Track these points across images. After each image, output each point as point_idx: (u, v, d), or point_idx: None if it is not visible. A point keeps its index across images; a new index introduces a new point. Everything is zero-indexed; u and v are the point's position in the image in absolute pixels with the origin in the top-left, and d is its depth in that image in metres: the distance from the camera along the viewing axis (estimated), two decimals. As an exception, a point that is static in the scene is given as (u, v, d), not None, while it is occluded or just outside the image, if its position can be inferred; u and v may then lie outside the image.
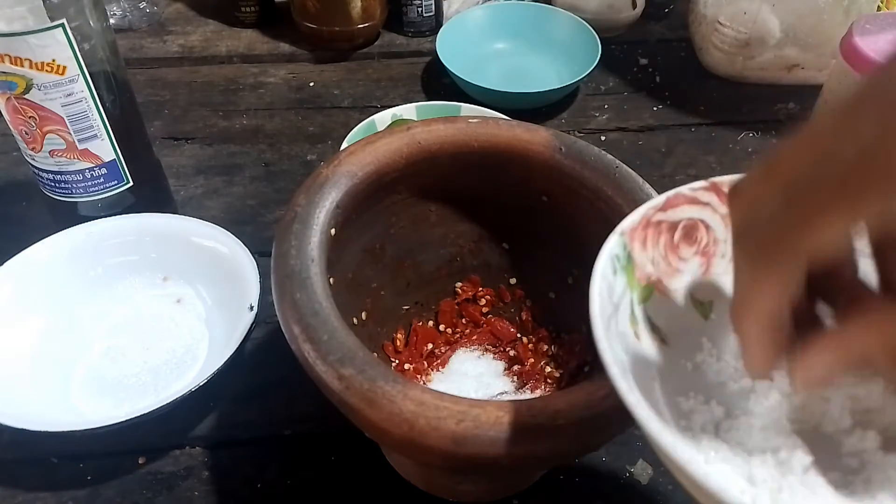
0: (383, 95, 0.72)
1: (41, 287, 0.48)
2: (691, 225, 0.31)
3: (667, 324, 0.30)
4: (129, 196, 0.52)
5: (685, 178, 0.63)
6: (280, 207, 0.59)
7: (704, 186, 0.31)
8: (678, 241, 0.31)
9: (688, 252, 0.31)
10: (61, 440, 0.41)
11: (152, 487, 0.42)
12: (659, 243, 0.30)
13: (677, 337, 0.30)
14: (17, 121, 0.47)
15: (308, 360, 0.31)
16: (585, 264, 0.42)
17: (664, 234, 0.30)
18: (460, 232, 0.46)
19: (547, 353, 0.45)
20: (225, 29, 0.81)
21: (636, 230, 0.29)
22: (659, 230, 0.30)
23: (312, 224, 0.36)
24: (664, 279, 0.30)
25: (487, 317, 0.47)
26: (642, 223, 0.30)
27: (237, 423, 0.45)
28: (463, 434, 0.28)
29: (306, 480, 0.42)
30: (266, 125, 0.68)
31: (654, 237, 0.30)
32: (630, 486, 0.42)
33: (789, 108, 0.70)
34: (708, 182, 0.31)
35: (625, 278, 0.29)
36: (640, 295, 0.29)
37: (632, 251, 0.29)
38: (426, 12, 0.78)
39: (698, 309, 0.31)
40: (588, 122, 0.69)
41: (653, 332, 0.29)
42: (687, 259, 0.31)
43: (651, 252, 0.30)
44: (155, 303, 0.50)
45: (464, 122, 0.42)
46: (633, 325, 0.28)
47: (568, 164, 0.41)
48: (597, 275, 0.27)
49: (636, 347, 0.28)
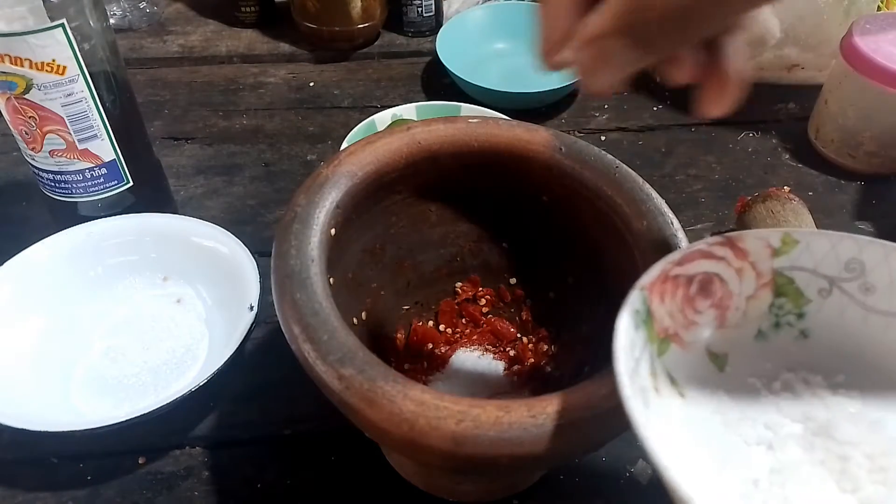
0: (383, 95, 0.72)
1: (41, 287, 0.48)
2: (707, 279, 0.32)
3: (684, 377, 0.31)
4: (129, 196, 0.52)
5: (685, 178, 0.63)
6: (280, 207, 0.59)
7: (720, 242, 0.32)
8: (694, 295, 0.31)
9: (703, 305, 0.32)
10: (61, 440, 0.41)
11: (152, 487, 0.42)
12: (676, 297, 0.31)
13: (694, 390, 0.31)
14: (17, 121, 0.47)
15: (308, 360, 0.31)
16: (585, 264, 0.43)
17: (681, 288, 0.31)
18: (460, 232, 0.46)
19: (547, 353, 0.45)
20: (225, 29, 0.81)
21: (655, 284, 0.30)
22: (676, 284, 0.31)
23: (312, 224, 0.36)
24: (681, 332, 0.31)
25: (487, 317, 0.47)
26: (661, 277, 0.30)
27: (237, 423, 0.45)
28: (463, 434, 0.28)
29: (306, 480, 0.42)
30: (266, 125, 0.68)
31: (672, 291, 0.31)
32: (630, 486, 0.42)
33: (789, 108, 0.70)
34: (723, 237, 0.32)
35: (645, 332, 0.29)
36: (659, 348, 0.30)
37: (651, 305, 0.30)
38: (426, 12, 0.78)
39: (714, 361, 0.32)
40: (588, 122, 0.69)
41: (672, 385, 0.30)
42: (702, 312, 0.32)
43: (669, 306, 0.31)
44: (155, 303, 0.50)
45: (464, 122, 0.42)
46: (652, 378, 0.29)
47: (568, 164, 0.41)
48: (620, 331, 0.27)
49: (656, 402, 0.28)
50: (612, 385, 0.30)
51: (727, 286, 0.32)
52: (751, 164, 0.65)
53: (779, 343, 0.33)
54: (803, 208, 0.53)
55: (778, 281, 0.33)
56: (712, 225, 0.58)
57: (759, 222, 0.52)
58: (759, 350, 0.33)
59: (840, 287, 0.32)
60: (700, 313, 0.32)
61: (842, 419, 0.30)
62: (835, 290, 0.32)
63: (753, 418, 0.31)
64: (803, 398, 0.32)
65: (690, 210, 0.60)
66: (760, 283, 0.33)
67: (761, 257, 0.32)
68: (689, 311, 0.31)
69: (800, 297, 0.33)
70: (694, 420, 0.30)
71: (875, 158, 0.62)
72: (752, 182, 0.63)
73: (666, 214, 0.38)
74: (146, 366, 0.46)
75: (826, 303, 0.33)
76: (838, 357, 0.33)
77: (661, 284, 0.30)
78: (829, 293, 0.33)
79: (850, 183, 0.63)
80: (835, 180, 0.63)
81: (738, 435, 0.30)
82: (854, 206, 0.61)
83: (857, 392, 0.32)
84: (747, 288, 0.32)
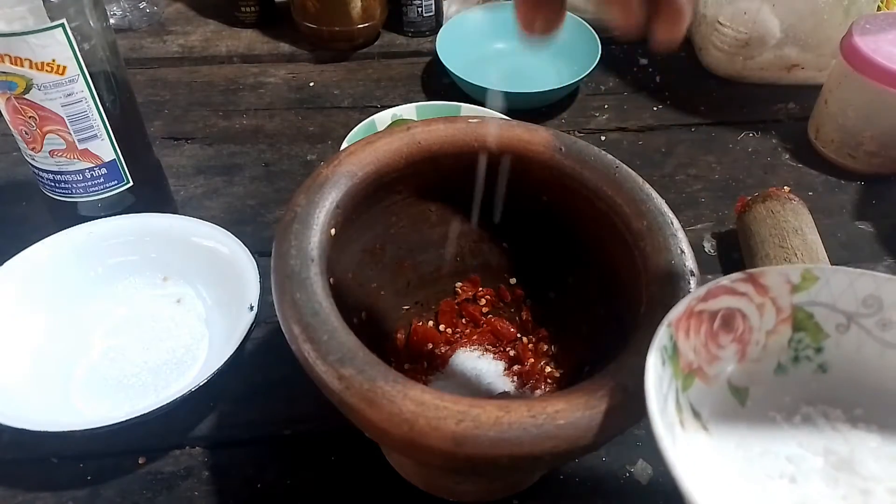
0: (383, 95, 0.72)
1: (41, 287, 0.48)
2: (729, 314, 0.32)
3: (708, 411, 0.32)
4: (129, 196, 0.52)
5: (685, 178, 0.63)
6: (280, 207, 0.59)
7: (742, 278, 0.33)
8: (717, 330, 0.32)
9: (725, 340, 0.33)
10: (61, 440, 0.41)
11: (152, 487, 0.42)
12: (700, 332, 0.32)
13: (717, 424, 0.32)
14: (17, 121, 0.47)
15: (308, 360, 0.31)
16: (585, 264, 0.43)
17: (705, 324, 0.32)
18: (460, 232, 0.46)
19: (547, 353, 0.45)
20: (225, 29, 0.81)
21: (681, 320, 0.31)
22: (700, 320, 0.32)
23: (312, 224, 0.36)
24: (704, 366, 0.32)
25: (487, 317, 0.47)
26: (686, 313, 0.31)
27: (237, 423, 0.45)
28: (463, 434, 0.28)
29: (306, 480, 0.42)
30: (266, 125, 0.68)
31: (696, 326, 0.32)
32: (630, 486, 0.42)
33: (789, 108, 0.70)
34: (745, 274, 0.33)
35: (671, 369, 0.30)
36: (684, 383, 0.31)
37: (677, 341, 0.31)
38: (426, 12, 0.78)
39: (735, 395, 0.33)
40: (588, 122, 0.69)
41: (696, 419, 0.31)
42: (725, 346, 0.33)
43: (693, 341, 0.31)
44: (155, 303, 0.50)
45: (464, 122, 0.42)
46: (678, 413, 0.30)
47: (568, 164, 0.41)
48: (650, 369, 0.28)
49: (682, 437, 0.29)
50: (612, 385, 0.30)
51: (748, 321, 0.33)
52: (751, 164, 0.65)
53: (798, 377, 0.34)
54: (803, 208, 0.53)
55: (797, 316, 0.33)
56: (712, 225, 0.58)
57: (759, 222, 0.52)
58: (779, 384, 0.34)
59: (858, 323, 0.33)
60: (722, 348, 0.33)
61: (863, 453, 0.31)
62: (853, 325, 0.33)
63: (775, 452, 0.31)
64: (824, 432, 0.32)
65: (690, 210, 0.60)
66: (780, 318, 0.33)
67: (781, 293, 0.33)
68: (713, 345, 0.32)
69: (818, 331, 0.34)
70: (718, 454, 0.31)
71: (875, 158, 0.62)
72: (752, 182, 0.63)
73: (666, 214, 0.38)
74: (146, 366, 0.46)
75: (844, 338, 0.33)
76: (856, 391, 0.33)
77: (687, 320, 0.31)
78: (847, 328, 0.33)
79: (850, 183, 0.63)
80: (835, 180, 0.63)
81: (761, 469, 0.31)
82: (854, 206, 0.61)
83: (876, 426, 0.32)
84: (767, 323, 0.33)
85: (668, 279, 0.35)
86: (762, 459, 0.31)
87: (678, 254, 0.36)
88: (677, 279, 0.35)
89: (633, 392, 0.30)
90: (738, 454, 0.31)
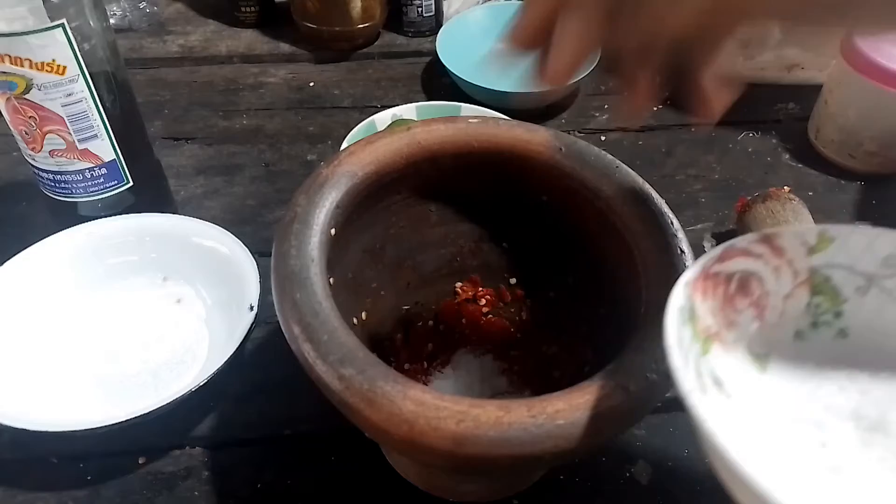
0: (383, 95, 0.72)
1: (41, 287, 0.48)
2: (745, 277, 0.31)
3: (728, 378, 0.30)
4: (129, 196, 0.52)
5: (685, 178, 0.63)
6: (280, 207, 0.59)
7: (757, 239, 0.32)
8: (733, 293, 0.31)
9: (742, 304, 0.32)
10: (61, 440, 0.41)
11: (152, 487, 0.42)
12: (717, 295, 0.31)
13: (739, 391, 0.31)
14: (17, 121, 0.47)
15: (308, 360, 0.31)
16: (585, 264, 0.43)
17: (721, 286, 0.31)
18: (460, 232, 0.46)
19: (547, 353, 0.45)
20: (225, 29, 0.81)
21: (697, 281, 0.30)
22: (717, 282, 0.31)
23: (312, 224, 0.36)
24: (722, 332, 0.31)
25: (487, 317, 0.47)
26: (702, 274, 0.30)
27: (237, 423, 0.45)
28: (463, 434, 0.28)
29: (306, 480, 0.42)
30: (266, 125, 0.68)
31: (713, 289, 0.30)
32: (630, 486, 0.42)
33: (789, 108, 0.70)
34: (761, 234, 0.32)
35: (690, 330, 0.29)
36: (703, 348, 0.30)
37: (694, 302, 0.29)
38: (426, 12, 0.78)
39: (756, 362, 0.32)
40: (588, 122, 0.69)
41: (717, 386, 0.30)
42: (742, 311, 0.32)
43: (710, 303, 0.30)
44: (155, 303, 0.50)
45: (464, 122, 0.42)
46: (698, 379, 0.29)
47: (568, 164, 0.41)
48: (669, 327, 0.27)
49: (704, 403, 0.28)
50: (612, 385, 0.30)
51: (764, 285, 0.32)
52: (751, 164, 0.65)
53: (818, 342, 0.33)
54: (803, 208, 0.53)
55: (814, 279, 0.32)
56: (712, 225, 0.58)
57: (759, 222, 0.52)
58: (800, 350, 0.33)
59: (878, 284, 0.32)
60: (740, 312, 0.31)
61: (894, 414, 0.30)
62: (872, 287, 0.32)
63: (802, 418, 0.30)
64: (850, 396, 0.31)
65: (690, 210, 0.60)
66: (797, 282, 0.32)
67: (797, 255, 0.32)
68: (730, 309, 0.31)
69: (837, 295, 0.33)
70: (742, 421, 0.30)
71: (875, 158, 0.62)
72: (752, 182, 0.63)
73: (666, 214, 0.38)
74: (146, 366, 0.46)
75: (864, 301, 0.32)
76: (880, 355, 0.32)
77: (703, 281, 0.30)
78: (867, 291, 0.32)
79: (850, 183, 0.63)
80: (835, 180, 0.63)
81: (789, 435, 0.30)
82: (854, 206, 0.61)
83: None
84: (784, 287, 0.32)
85: (668, 279, 0.35)
86: (789, 426, 0.30)
87: (678, 254, 0.36)
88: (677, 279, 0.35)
89: (634, 392, 0.30)
90: (763, 421, 0.30)
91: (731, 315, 0.31)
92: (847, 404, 0.31)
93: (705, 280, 0.30)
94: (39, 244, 0.49)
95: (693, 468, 0.43)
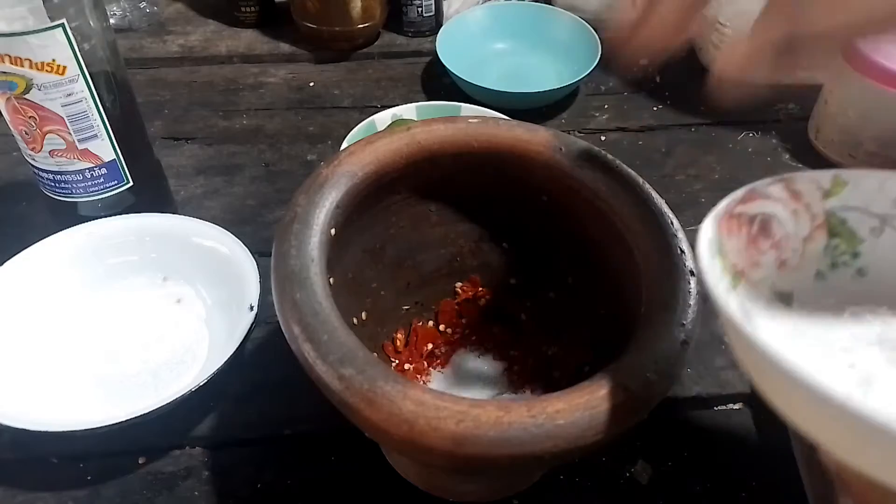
0: (383, 95, 0.72)
1: (41, 287, 0.48)
2: (766, 219, 0.33)
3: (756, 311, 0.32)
4: (129, 196, 0.52)
5: (685, 178, 0.63)
6: (280, 207, 0.59)
7: (775, 181, 0.33)
8: (756, 234, 0.32)
9: (765, 245, 0.33)
10: (61, 440, 0.41)
11: (152, 487, 0.42)
12: (741, 234, 0.32)
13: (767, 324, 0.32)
14: (17, 121, 0.47)
15: (308, 360, 0.31)
16: (586, 264, 0.43)
17: (744, 227, 0.32)
18: (460, 232, 0.46)
19: (547, 354, 0.45)
20: (225, 29, 0.81)
21: (723, 219, 0.31)
22: (740, 222, 0.32)
23: (312, 224, 0.36)
24: (747, 270, 0.32)
25: (487, 317, 0.47)
26: (727, 213, 0.31)
27: (237, 423, 0.45)
28: (463, 434, 0.28)
29: (306, 480, 0.42)
30: (266, 125, 0.68)
31: (737, 229, 0.32)
32: (630, 486, 0.42)
33: (789, 108, 0.70)
34: (779, 177, 0.33)
35: (720, 263, 0.30)
36: (732, 282, 0.31)
37: (721, 238, 0.31)
38: (426, 12, 0.78)
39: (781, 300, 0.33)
40: (588, 122, 0.69)
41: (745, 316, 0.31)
42: (764, 252, 0.33)
43: (735, 243, 0.31)
44: (155, 303, 0.50)
45: (464, 122, 0.42)
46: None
47: (568, 164, 0.41)
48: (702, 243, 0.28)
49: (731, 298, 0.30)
50: (612, 385, 0.30)
51: (784, 227, 0.33)
52: (751, 164, 0.65)
53: (838, 282, 0.34)
54: (803, 208, 0.53)
55: (831, 222, 0.34)
56: (712, 225, 0.58)
57: (759, 222, 0.52)
58: (821, 289, 0.34)
59: (892, 224, 0.33)
60: (763, 253, 0.33)
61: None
62: (887, 227, 0.33)
63: (830, 343, 0.31)
64: (873, 324, 0.32)
65: (690, 210, 0.60)
66: (815, 225, 0.34)
67: (814, 199, 0.33)
68: (753, 250, 0.32)
69: (853, 237, 0.34)
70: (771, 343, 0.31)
71: (875, 158, 0.62)
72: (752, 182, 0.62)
73: (666, 214, 0.38)
74: (146, 366, 0.46)
75: (879, 241, 0.34)
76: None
77: (728, 220, 0.31)
78: (882, 231, 0.34)
79: (850, 183, 0.63)
80: (835, 180, 0.63)
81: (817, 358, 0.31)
82: (854, 206, 0.61)
83: None
84: (802, 229, 0.34)
85: (667, 279, 0.35)
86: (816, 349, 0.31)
87: (678, 254, 0.36)
88: (677, 279, 0.35)
89: (634, 392, 0.30)
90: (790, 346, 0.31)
91: (754, 255, 0.32)
92: (871, 332, 0.32)
93: (730, 219, 0.31)
94: (39, 244, 0.49)
95: (693, 468, 0.43)
